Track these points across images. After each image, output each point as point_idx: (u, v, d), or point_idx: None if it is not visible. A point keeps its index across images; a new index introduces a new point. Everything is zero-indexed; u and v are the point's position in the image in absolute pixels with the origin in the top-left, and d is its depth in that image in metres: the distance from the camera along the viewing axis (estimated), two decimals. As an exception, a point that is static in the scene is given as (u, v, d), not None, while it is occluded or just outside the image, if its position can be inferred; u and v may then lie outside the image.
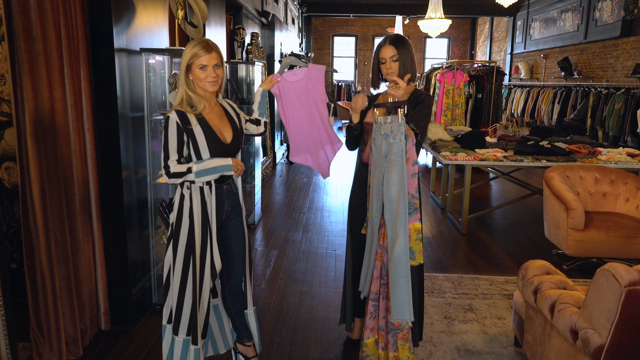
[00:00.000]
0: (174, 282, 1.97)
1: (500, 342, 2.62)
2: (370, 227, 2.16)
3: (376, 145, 2.06)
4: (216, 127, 1.95)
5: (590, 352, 1.75)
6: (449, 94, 7.17)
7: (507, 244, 4.20)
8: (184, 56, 1.88)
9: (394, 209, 2.03)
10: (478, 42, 15.34)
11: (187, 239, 1.94)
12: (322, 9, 12.81)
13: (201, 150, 1.89)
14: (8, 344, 1.95)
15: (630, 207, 3.63)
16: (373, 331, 2.20)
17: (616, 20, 7.38)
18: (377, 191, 2.09)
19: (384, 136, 2.01)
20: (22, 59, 2.04)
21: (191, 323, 1.98)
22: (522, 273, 2.33)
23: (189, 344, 1.99)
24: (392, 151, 2.00)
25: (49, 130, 2.18)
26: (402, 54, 2.13)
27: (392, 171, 2.01)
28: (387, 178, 2.04)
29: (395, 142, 2.00)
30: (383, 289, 2.14)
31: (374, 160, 2.09)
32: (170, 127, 1.86)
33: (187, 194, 1.93)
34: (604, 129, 6.79)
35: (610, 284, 1.68)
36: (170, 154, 1.86)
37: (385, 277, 2.13)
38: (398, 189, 2.02)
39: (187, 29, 2.83)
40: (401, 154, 2.00)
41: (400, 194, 2.01)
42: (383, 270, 2.14)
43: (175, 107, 1.90)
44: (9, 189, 2.50)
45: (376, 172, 2.09)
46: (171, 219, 1.99)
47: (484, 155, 4.38)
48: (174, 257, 1.96)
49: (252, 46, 5.34)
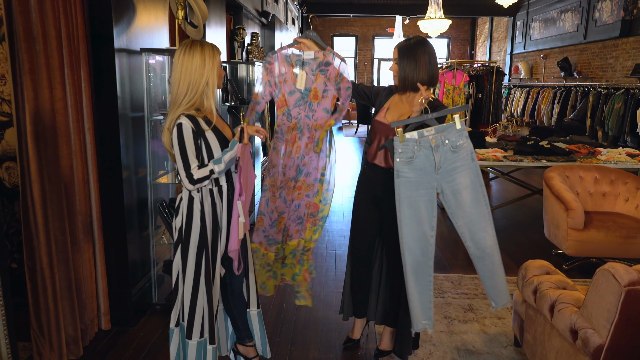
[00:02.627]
0: (186, 287, 1.95)
1: (500, 342, 2.62)
2: (412, 254, 2.07)
3: (417, 162, 2.00)
4: (221, 128, 1.96)
5: (589, 351, 1.75)
6: (448, 94, 7.17)
7: (507, 244, 4.20)
8: (211, 58, 1.86)
9: (468, 212, 2.02)
10: (478, 42, 15.35)
11: (198, 241, 1.92)
12: (322, 9, 12.81)
13: (214, 152, 1.89)
14: (8, 344, 1.95)
15: (630, 207, 3.63)
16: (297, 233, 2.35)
17: (616, 21, 7.38)
18: (430, 210, 2.04)
19: (434, 149, 1.98)
20: (23, 59, 2.04)
21: (204, 325, 1.98)
22: (521, 273, 2.33)
23: (204, 345, 1.99)
24: (456, 158, 1.98)
25: (50, 130, 2.18)
26: (401, 58, 2.13)
27: (457, 178, 2.00)
28: (451, 187, 2.01)
29: (461, 148, 1.98)
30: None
31: (411, 181, 2.01)
32: (186, 134, 1.83)
33: (197, 197, 1.91)
34: (603, 129, 6.79)
35: (609, 283, 1.68)
36: (190, 161, 1.83)
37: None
38: (471, 191, 2.01)
39: (187, 29, 2.83)
40: (471, 157, 1.99)
41: (479, 194, 2.01)
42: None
43: (183, 112, 1.85)
44: (9, 189, 2.50)
45: (421, 190, 2.02)
46: (177, 223, 1.96)
47: (483, 155, 4.38)
48: (184, 261, 1.93)
49: (252, 46, 5.34)
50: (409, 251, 2.05)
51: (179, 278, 1.97)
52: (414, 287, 2.08)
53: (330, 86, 2.27)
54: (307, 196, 2.33)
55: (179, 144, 1.83)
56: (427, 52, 2.10)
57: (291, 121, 2.31)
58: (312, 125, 2.30)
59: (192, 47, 1.86)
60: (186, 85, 1.85)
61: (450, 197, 2.02)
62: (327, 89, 2.27)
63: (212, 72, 1.87)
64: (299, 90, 2.27)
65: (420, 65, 2.09)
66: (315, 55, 2.23)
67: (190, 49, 1.86)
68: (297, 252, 2.37)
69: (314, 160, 2.31)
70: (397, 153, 1.99)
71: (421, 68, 2.09)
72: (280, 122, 2.32)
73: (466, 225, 2.04)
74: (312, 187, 2.32)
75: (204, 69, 1.85)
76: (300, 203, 2.34)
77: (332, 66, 2.25)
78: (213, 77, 1.88)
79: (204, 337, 1.99)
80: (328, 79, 2.26)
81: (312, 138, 2.30)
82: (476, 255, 2.08)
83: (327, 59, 2.24)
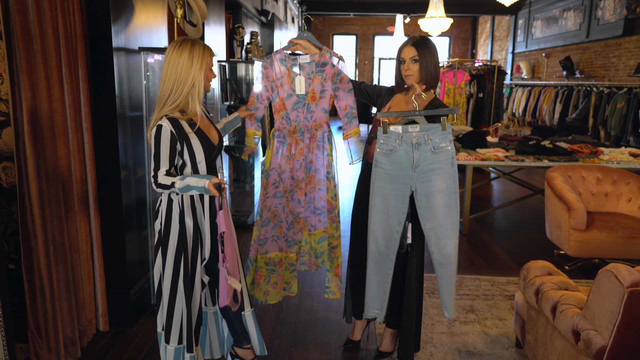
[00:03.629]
0: (164, 290, 1.93)
1: (501, 343, 2.60)
2: (377, 244, 2.11)
3: (396, 155, 2.00)
4: (206, 130, 1.93)
5: (592, 353, 1.73)
6: (450, 94, 7.14)
7: (509, 245, 4.19)
8: (200, 59, 1.81)
9: (438, 216, 2.02)
10: (479, 41, 15.31)
11: (177, 244, 1.89)
12: (322, 8, 12.79)
13: (196, 154, 1.86)
14: (6, 345, 1.93)
15: (633, 207, 3.61)
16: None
17: (618, 19, 7.35)
18: (400, 206, 2.04)
19: (415, 146, 1.98)
20: (20, 58, 2.02)
21: (182, 330, 1.94)
22: (523, 274, 2.31)
23: (181, 352, 1.96)
24: (435, 159, 1.97)
25: (47, 129, 2.16)
26: (423, 56, 2.08)
27: (432, 180, 1.99)
28: (425, 188, 2.01)
29: (442, 150, 1.97)
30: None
31: (386, 173, 2.03)
32: (164, 137, 1.79)
33: (177, 200, 1.88)
34: (606, 128, 6.76)
35: (612, 284, 1.67)
36: (161, 164, 1.80)
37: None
38: (445, 195, 2.00)
39: (186, 28, 2.81)
40: (451, 161, 1.98)
41: (452, 200, 2.01)
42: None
43: (166, 114, 1.81)
44: (6, 189, 2.49)
45: (395, 184, 2.03)
46: (156, 226, 1.94)
47: (485, 155, 4.36)
48: (164, 264, 1.91)
49: (251, 45, 5.33)
50: (375, 241, 2.11)
51: (160, 281, 1.94)
52: (373, 276, 2.15)
53: (328, 86, 2.26)
54: (320, 190, 2.37)
55: (154, 145, 1.81)
56: (436, 50, 2.15)
57: (291, 125, 2.29)
58: (312, 126, 2.30)
59: (181, 46, 1.82)
60: (171, 83, 1.81)
61: (422, 197, 2.03)
62: (324, 89, 2.26)
63: (199, 73, 1.82)
64: (296, 94, 2.26)
65: (437, 64, 2.13)
66: (311, 58, 2.22)
67: (179, 47, 1.81)
68: (325, 245, 2.43)
69: (319, 158, 2.33)
70: (379, 144, 2.03)
71: (437, 66, 2.13)
72: (279, 125, 2.31)
73: (434, 229, 2.05)
74: (322, 182, 2.35)
75: (190, 69, 1.80)
76: (315, 196, 2.37)
77: (329, 66, 2.24)
78: (200, 79, 1.83)
79: (182, 343, 1.95)
80: (325, 79, 2.25)
81: (313, 137, 2.31)
82: (439, 261, 2.11)
83: (323, 60, 2.23)
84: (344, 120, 2.32)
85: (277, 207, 2.36)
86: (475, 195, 5.82)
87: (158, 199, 1.96)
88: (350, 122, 2.32)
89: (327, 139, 2.33)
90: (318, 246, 2.43)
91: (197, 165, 1.88)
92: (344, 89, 2.27)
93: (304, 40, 2.22)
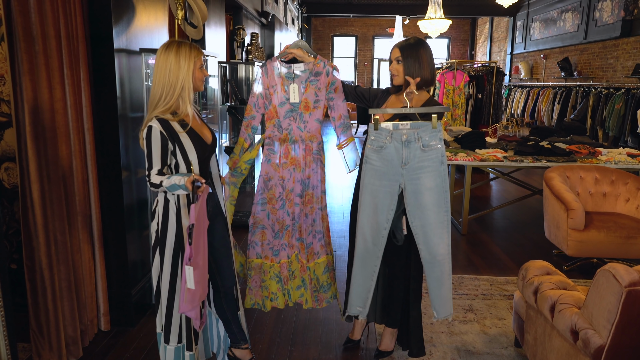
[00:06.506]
0: (162, 290, 1.94)
1: (500, 343, 2.61)
2: (364, 240, 2.12)
3: (386, 152, 2.02)
4: (198, 130, 1.93)
5: (590, 352, 1.75)
6: (448, 94, 7.16)
7: (507, 245, 4.20)
8: (187, 60, 1.81)
9: (426, 214, 2.02)
10: (478, 42, 15.34)
11: (174, 244, 1.90)
12: (322, 9, 12.81)
13: (188, 153, 1.86)
14: (8, 345, 1.94)
15: (631, 207, 3.63)
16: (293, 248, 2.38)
17: (616, 21, 7.38)
18: (388, 202, 2.05)
19: (405, 143, 1.99)
20: (22, 59, 2.04)
21: (182, 329, 1.96)
22: (522, 273, 2.32)
23: (181, 351, 1.97)
24: (425, 157, 1.98)
25: (49, 130, 2.17)
26: (406, 57, 2.12)
27: (421, 178, 2.00)
28: (414, 186, 2.01)
29: (432, 148, 1.98)
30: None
31: (376, 169, 2.04)
32: (154, 138, 1.80)
33: (173, 199, 1.89)
34: (604, 129, 6.78)
35: (610, 284, 1.68)
36: (153, 164, 1.81)
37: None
38: (434, 194, 2.01)
39: (186, 29, 2.82)
40: (440, 160, 1.99)
41: (442, 199, 2.01)
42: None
43: (156, 115, 1.81)
44: (8, 190, 2.50)
45: (384, 181, 2.04)
46: (153, 226, 1.95)
47: (484, 156, 4.38)
48: (162, 264, 1.92)
49: (251, 46, 5.34)
50: (362, 237, 2.11)
51: (159, 281, 1.95)
52: (359, 273, 2.16)
53: (322, 96, 2.27)
54: (320, 209, 2.36)
55: (146, 145, 1.82)
56: (427, 51, 2.15)
57: (282, 132, 2.30)
58: (306, 137, 2.29)
59: (167, 48, 1.81)
60: (161, 87, 1.81)
61: (411, 195, 2.04)
62: (318, 99, 2.27)
63: (187, 75, 1.82)
64: (290, 102, 2.27)
65: (424, 64, 2.13)
66: (304, 67, 2.24)
67: (166, 51, 1.81)
68: (329, 275, 2.45)
69: (317, 172, 2.33)
70: (370, 140, 2.04)
71: (424, 66, 2.13)
72: (270, 133, 2.31)
73: (422, 227, 2.05)
74: (321, 200, 2.35)
75: (178, 71, 1.80)
76: (315, 217, 2.36)
77: (323, 75, 2.25)
78: (189, 80, 1.83)
79: (182, 342, 1.97)
80: (319, 89, 2.26)
81: (309, 149, 2.30)
82: (427, 260, 2.11)
83: (317, 69, 2.24)
84: (338, 130, 2.34)
85: (259, 214, 2.36)
86: (474, 195, 5.84)
87: (154, 200, 1.97)
88: (344, 131, 2.34)
89: (322, 151, 2.34)
90: (324, 278, 2.43)
91: (191, 164, 1.89)
92: (338, 99, 2.29)
93: (298, 50, 2.23)
